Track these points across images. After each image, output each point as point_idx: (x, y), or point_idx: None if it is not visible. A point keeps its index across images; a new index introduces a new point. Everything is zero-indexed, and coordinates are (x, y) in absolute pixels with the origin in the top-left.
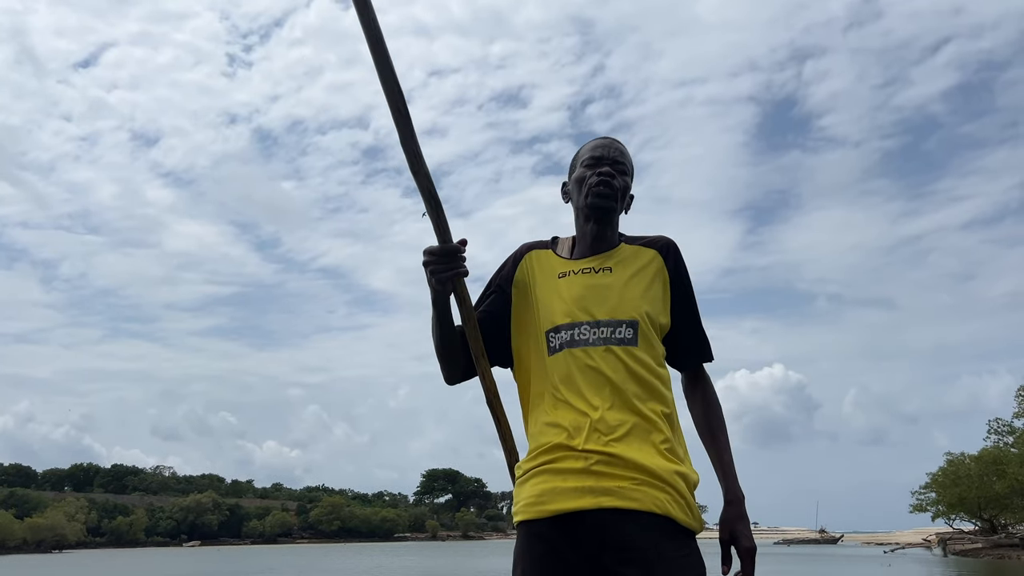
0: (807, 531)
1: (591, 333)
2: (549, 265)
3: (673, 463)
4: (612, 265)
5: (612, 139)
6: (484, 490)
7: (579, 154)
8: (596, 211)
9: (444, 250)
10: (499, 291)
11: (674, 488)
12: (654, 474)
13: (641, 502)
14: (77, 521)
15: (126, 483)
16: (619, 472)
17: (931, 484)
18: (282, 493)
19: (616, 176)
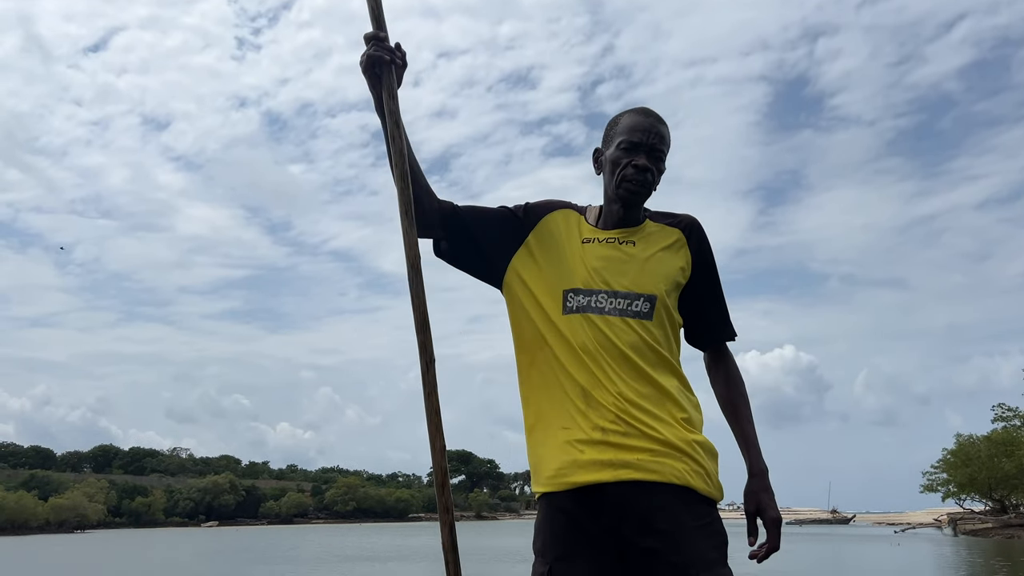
0: (819, 511)
1: (607, 302)
2: (578, 227)
3: (691, 433)
4: (636, 240)
5: (654, 118)
6: (497, 471)
7: (617, 125)
8: (625, 202)
9: (374, 35)
10: (514, 214)
11: (692, 458)
12: (672, 444)
13: (660, 473)
14: (98, 502)
15: (144, 465)
16: (637, 444)
17: (942, 464)
18: (297, 474)
19: (652, 167)
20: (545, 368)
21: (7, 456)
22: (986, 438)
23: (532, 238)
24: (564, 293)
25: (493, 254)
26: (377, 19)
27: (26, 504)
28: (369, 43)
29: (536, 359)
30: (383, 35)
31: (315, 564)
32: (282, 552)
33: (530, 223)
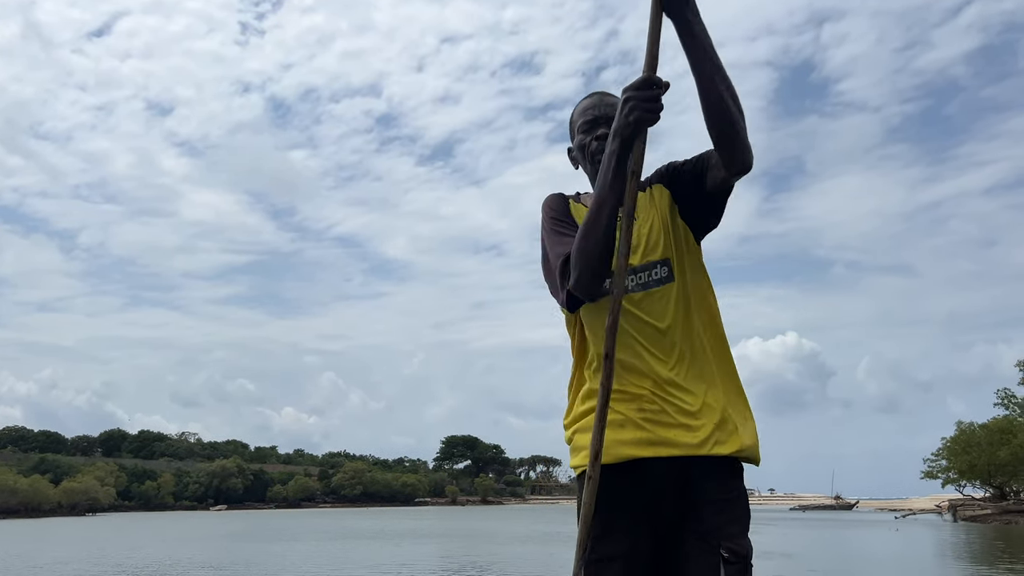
0: (823, 497)
1: (629, 282)
2: (579, 214)
3: (723, 399)
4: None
5: (600, 94)
6: (502, 456)
7: (573, 118)
8: None
9: (649, 81)
10: (571, 221)
11: (722, 426)
12: (707, 415)
13: (695, 447)
14: (108, 485)
15: (154, 449)
16: (672, 419)
17: (942, 452)
18: (305, 459)
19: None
20: (590, 340)
21: (18, 440)
22: (983, 426)
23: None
24: None
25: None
26: (653, 62)
27: (39, 488)
28: (639, 93)
29: (580, 332)
30: (661, 87)
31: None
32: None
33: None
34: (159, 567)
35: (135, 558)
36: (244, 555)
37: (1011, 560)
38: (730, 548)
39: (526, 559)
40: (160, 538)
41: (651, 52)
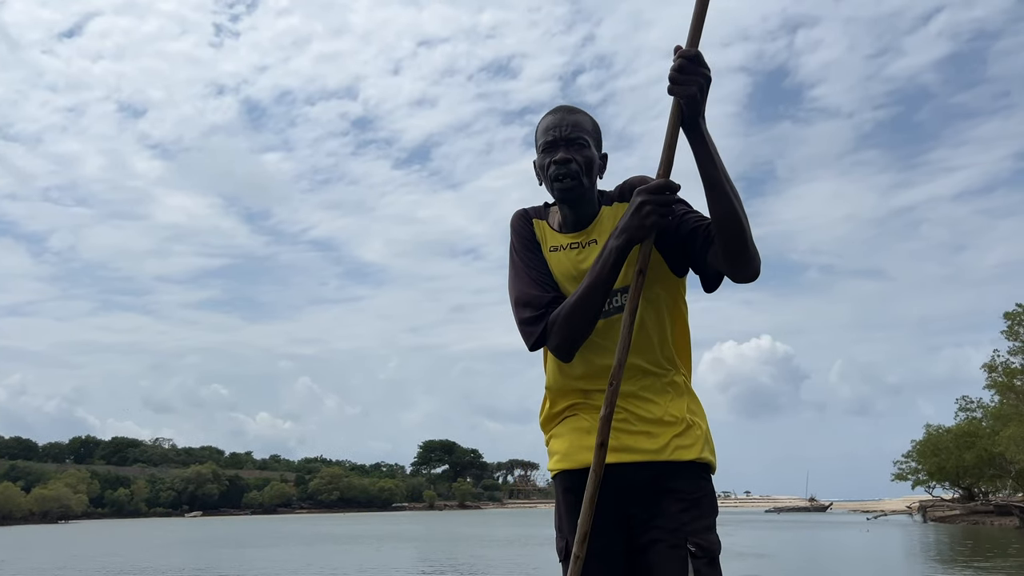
0: (798, 499)
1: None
2: (546, 236)
3: (682, 411)
4: (596, 236)
5: (563, 111)
6: (480, 460)
7: (536, 134)
8: (566, 201)
9: (665, 186)
10: (537, 248)
11: (689, 432)
12: (670, 422)
13: (656, 452)
14: (80, 492)
15: (127, 455)
16: (634, 428)
17: (912, 454)
18: (281, 464)
19: (573, 157)
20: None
21: None
22: (949, 429)
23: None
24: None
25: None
26: (669, 169)
27: (10, 495)
28: (656, 197)
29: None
30: (675, 191)
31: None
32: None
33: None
34: (137, 573)
35: (112, 565)
36: (221, 560)
37: (976, 559)
38: (697, 543)
39: (506, 562)
40: (136, 545)
41: (667, 159)
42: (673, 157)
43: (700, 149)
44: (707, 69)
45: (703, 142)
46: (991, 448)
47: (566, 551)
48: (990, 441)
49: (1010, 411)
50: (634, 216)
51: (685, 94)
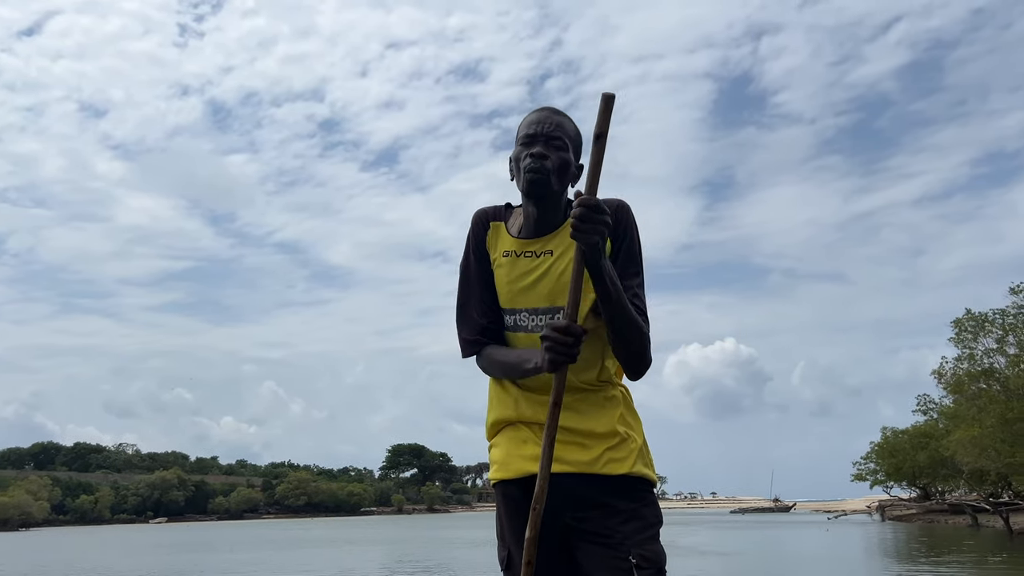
0: (762, 500)
1: (530, 320)
2: (500, 240)
3: (619, 423)
4: (553, 247)
5: (549, 111)
6: (449, 464)
7: (519, 128)
8: (531, 194)
9: (570, 329)
10: (483, 259)
11: (623, 445)
12: (602, 436)
13: (591, 464)
14: (41, 499)
15: (89, 461)
16: (569, 439)
17: (870, 455)
18: (247, 469)
19: (550, 155)
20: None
21: None
22: (904, 431)
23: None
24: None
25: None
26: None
27: None
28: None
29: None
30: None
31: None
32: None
33: (486, 252)
34: None
35: (76, 571)
36: (190, 564)
37: (930, 555)
38: (640, 554)
39: (476, 563)
40: (101, 551)
41: (574, 301)
42: (579, 299)
43: (600, 288)
44: (607, 216)
45: (603, 282)
46: (942, 450)
47: (508, 560)
48: (941, 443)
49: (962, 412)
50: (541, 352)
51: (587, 242)
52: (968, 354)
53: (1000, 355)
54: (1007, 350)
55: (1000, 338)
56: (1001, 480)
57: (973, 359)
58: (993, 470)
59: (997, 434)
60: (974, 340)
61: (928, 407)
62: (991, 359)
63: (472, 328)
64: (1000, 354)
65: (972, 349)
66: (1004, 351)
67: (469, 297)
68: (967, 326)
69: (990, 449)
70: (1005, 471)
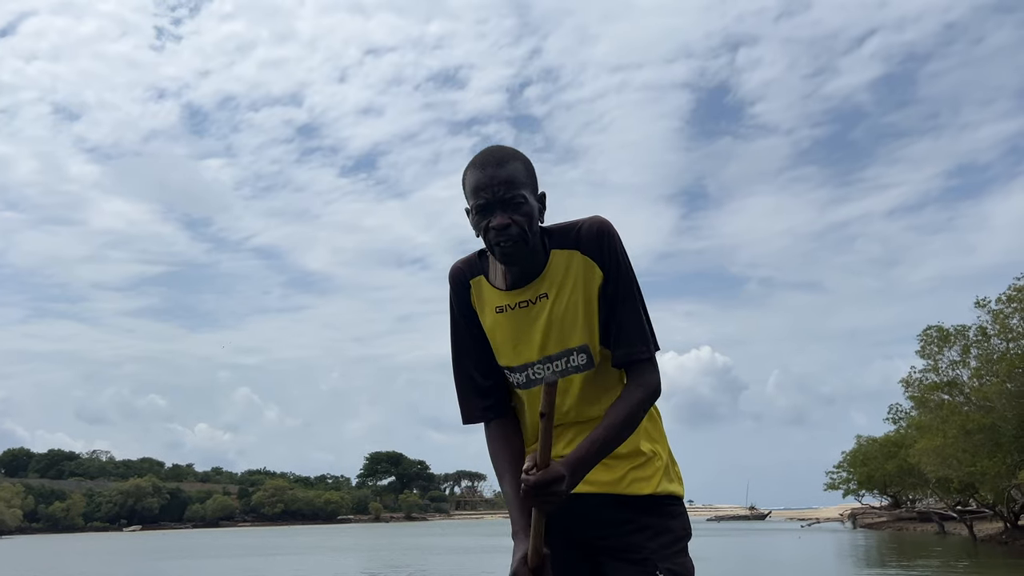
0: (738, 508)
1: (544, 370)
2: (487, 296)
3: (644, 441)
4: (547, 290)
5: (491, 166)
6: (427, 472)
7: (464, 186)
8: (509, 262)
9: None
10: (471, 319)
11: (648, 464)
12: (626, 456)
13: (615, 484)
14: (14, 507)
15: (62, 468)
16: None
17: (843, 463)
18: (223, 477)
19: (512, 220)
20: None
21: None
22: (874, 440)
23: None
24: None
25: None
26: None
27: None
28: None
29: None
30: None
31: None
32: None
33: (473, 316)
34: None
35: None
36: (165, 571)
37: (900, 560)
38: (668, 569)
39: (456, 569)
40: (81, 558)
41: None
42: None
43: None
44: (560, 485)
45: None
46: (910, 459)
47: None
48: (908, 452)
49: (927, 422)
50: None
51: (544, 511)
52: (933, 365)
53: (963, 367)
54: (969, 362)
55: (963, 349)
56: (966, 489)
57: (938, 371)
58: (956, 479)
59: (959, 444)
60: (939, 352)
61: (898, 416)
62: (955, 371)
63: (475, 394)
64: (963, 366)
65: (937, 361)
66: (967, 363)
67: (461, 358)
68: (933, 337)
69: (951, 459)
70: (967, 479)
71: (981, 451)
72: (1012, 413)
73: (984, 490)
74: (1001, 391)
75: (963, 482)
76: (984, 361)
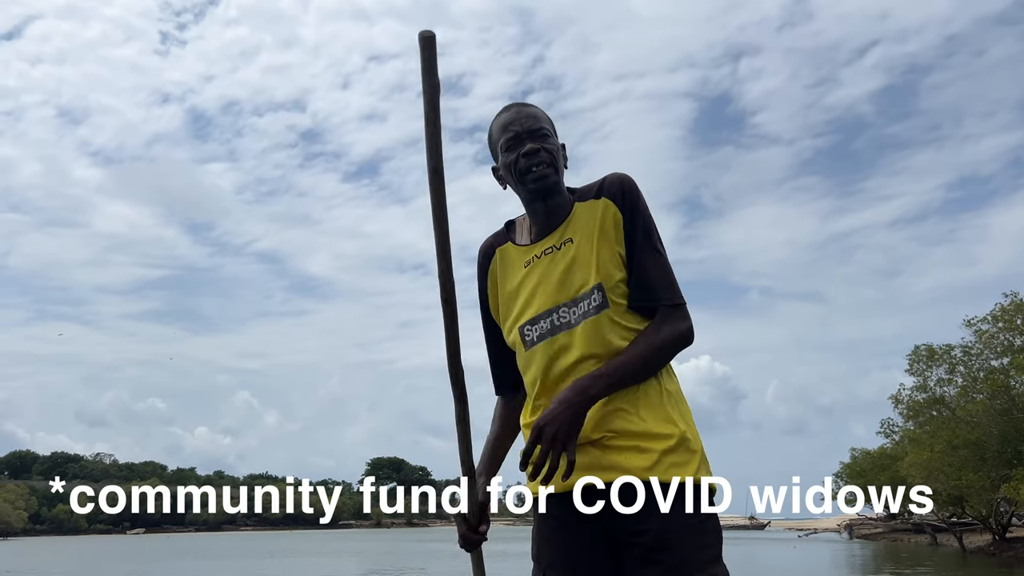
0: (739, 518)
1: (569, 313)
2: (512, 258)
3: (679, 421)
4: (572, 235)
5: (516, 106)
6: (429, 478)
7: (492, 136)
8: (541, 193)
9: (466, 540)
10: (484, 302)
11: (684, 447)
12: (660, 437)
13: (650, 470)
14: (19, 508)
15: (66, 470)
16: (623, 444)
17: (840, 475)
18: (225, 480)
19: (541, 148)
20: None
21: None
22: (868, 453)
23: (492, 311)
24: (520, 330)
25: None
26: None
27: None
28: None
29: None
30: (477, 531)
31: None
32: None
33: (488, 302)
34: None
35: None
36: (174, 571)
37: (896, 569)
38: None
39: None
40: (95, 559)
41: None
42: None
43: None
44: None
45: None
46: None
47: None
48: (899, 464)
49: (916, 437)
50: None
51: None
52: (922, 383)
53: (950, 385)
54: (956, 380)
55: (950, 368)
56: (955, 502)
57: (926, 388)
58: (943, 492)
59: (945, 458)
60: (928, 370)
61: (891, 431)
62: (943, 389)
63: (492, 368)
64: (950, 384)
65: (926, 378)
66: (954, 382)
67: (489, 345)
68: (922, 355)
69: (938, 472)
70: (955, 493)
71: (967, 465)
72: (996, 429)
73: (972, 503)
74: (986, 408)
75: (951, 495)
76: (970, 380)
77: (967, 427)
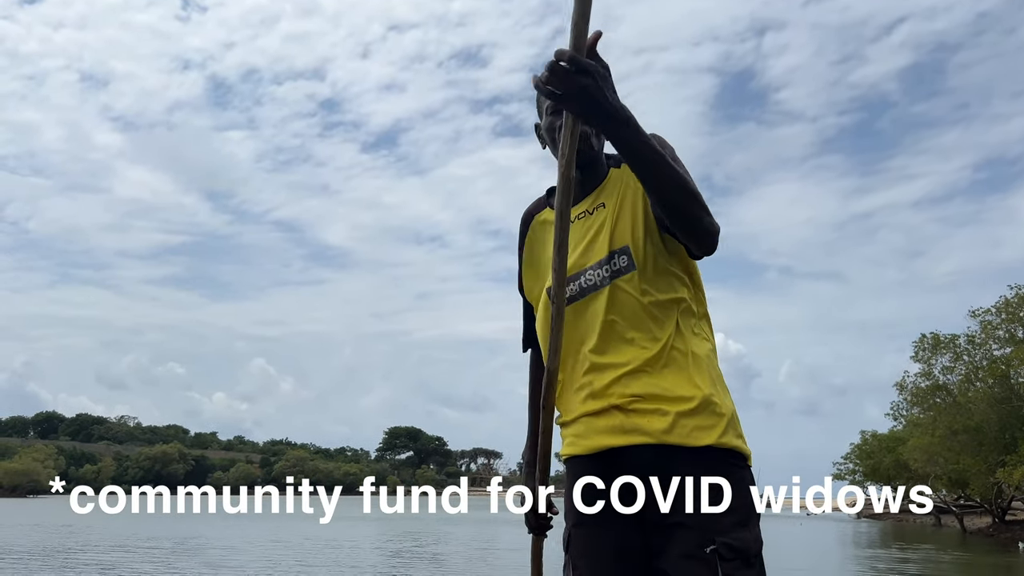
0: None
1: (596, 276)
2: (547, 225)
3: (704, 384)
4: (605, 200)
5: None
6: (445, 448)
7: (539, 95)
8: (577, 163)
9: (536, 524)
10: (520, 263)
11: (709, 410)
12: (683, 399)
13: (669, 433)
14: (49, 467)
15: (92, 432)
16: (645, 407)
17: (850, 456)
18: (246, 446)
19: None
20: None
21: None
22: (876, 435)
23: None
24: (549, 292)
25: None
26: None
27: None
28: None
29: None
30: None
31: None
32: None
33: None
34: (173, 543)
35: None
36: (201, 532)
37: (897, 545)
38: (725, 543)
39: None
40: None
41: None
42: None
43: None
44: (587, 77)
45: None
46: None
47: (568, 540)
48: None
49: (920, 421)
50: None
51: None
52: (927, 370)
53: (953, 373)
54: (959, 369)
55: (955, 357)
56: (955, 485)
57: (930, 375)
58: (944, 475)
59: (944, 443)
60: (932, 358)
61: (899, 413)
62: (946, 377)
63: (528, 332)
64: (953, 372)
65: (931, 366)
66: (957, 370)
67: (523, 307)
68: (927, 344)
69: (938, 456)
70: (954, 476)
71: (965, 450)
72: (995, 416)
73: (972, 486)
74: (986, 395)
75: (950, 478)
76: (972, 368)
77: (967, 413)
